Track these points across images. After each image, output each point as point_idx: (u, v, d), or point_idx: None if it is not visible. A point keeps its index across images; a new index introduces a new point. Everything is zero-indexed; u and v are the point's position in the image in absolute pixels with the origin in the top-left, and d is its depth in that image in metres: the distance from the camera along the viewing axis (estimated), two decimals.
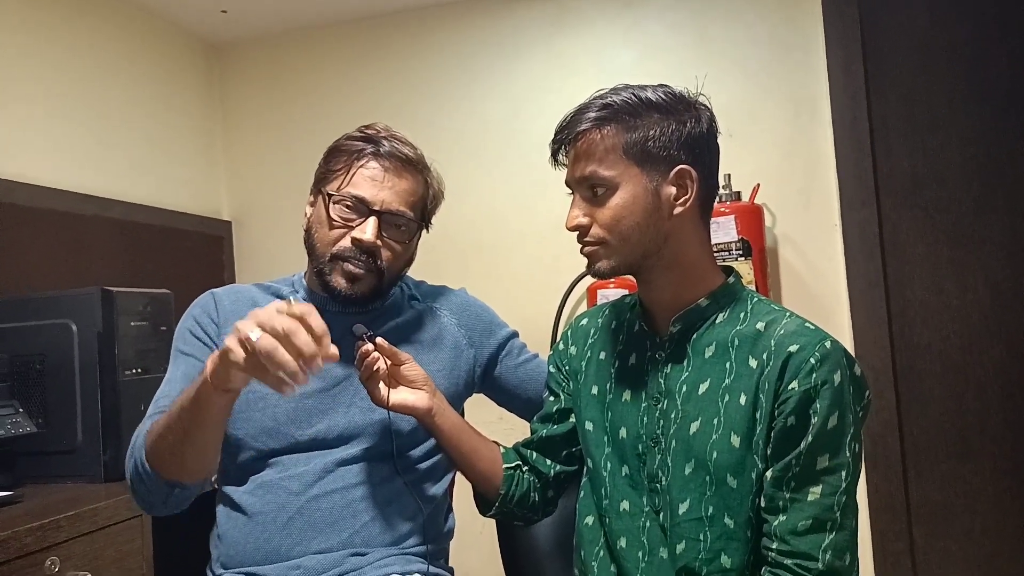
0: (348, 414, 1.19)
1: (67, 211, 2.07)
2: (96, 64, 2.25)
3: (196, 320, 1.23)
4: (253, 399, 1.18)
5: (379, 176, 1.19)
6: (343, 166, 1.20)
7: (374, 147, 1.20)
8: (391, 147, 1.21)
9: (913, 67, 2.17)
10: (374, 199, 1.18)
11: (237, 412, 1.16)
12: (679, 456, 1.02)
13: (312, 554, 1.12)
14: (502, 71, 2.48)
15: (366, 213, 1.18)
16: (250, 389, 1.16)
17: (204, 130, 2.68)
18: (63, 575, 1.30)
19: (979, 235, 2.12)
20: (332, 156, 1.23)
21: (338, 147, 1.23)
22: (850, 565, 0.95)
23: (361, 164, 1.19)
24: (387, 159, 1.20)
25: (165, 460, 1.05)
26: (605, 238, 1.03)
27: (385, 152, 1.20)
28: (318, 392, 1.19)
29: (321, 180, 1.23)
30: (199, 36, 2.67)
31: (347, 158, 1.20)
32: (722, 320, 1.05)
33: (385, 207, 1.19)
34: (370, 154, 1.20)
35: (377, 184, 1.19)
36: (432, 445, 1.23)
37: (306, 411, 1.18)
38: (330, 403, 1.19)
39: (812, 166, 2.21)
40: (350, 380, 1.20)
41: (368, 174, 1.19)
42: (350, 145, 1.22)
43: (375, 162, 1.20)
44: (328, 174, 1.21)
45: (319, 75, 2.66)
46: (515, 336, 1.37)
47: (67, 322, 1.65)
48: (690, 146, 1.01)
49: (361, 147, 1.21)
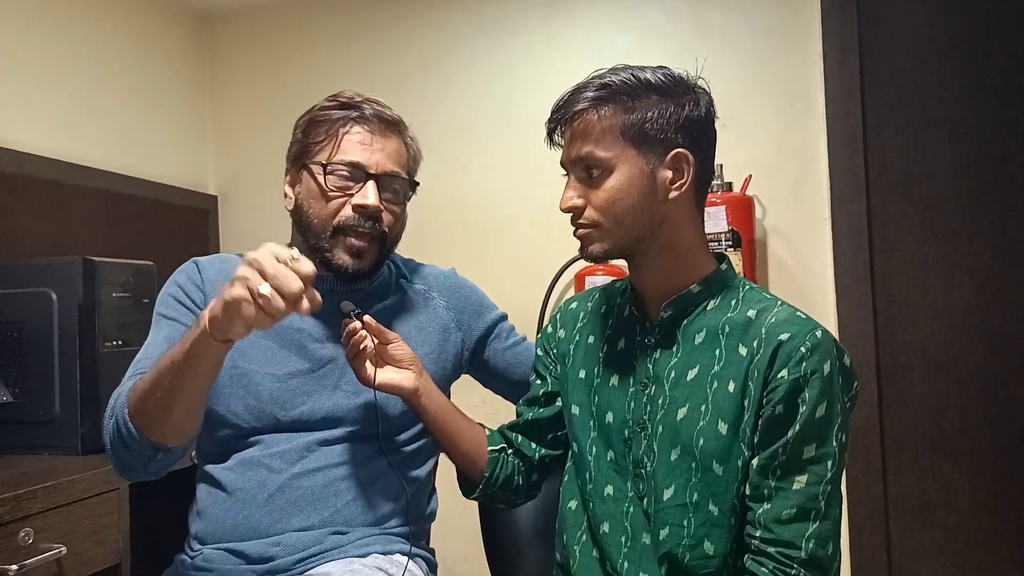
0: (333, 397, 1.17)
1: (51, 179, 2.03)
2: (83, 32, 2.20)
3: (180, 286, 1.21)
4: (237, 375, 1.16)
5: (367, 140, 1.17)
6: (326, 136, 1.17)
7: (356, 112, 1.18)
8: (373, 110, 1.19)
9: (908, 62, 2.17)
10: (369, 163, 1.16)
11: (220, 388, 1.15)
12: (665, 442, 1.01)
13: (292, 531, 1.11)
14: (497, 51, 2.46)
15: (363, 178, 1.16)
16: (234, 366, 1.15)
17: (192, 102, 2.64)
18: (37, 547, 1.28)
19: (967, 233, 2.13)
20: (311, 128, 1.19)
21: (315, 119, 1.20)
22: (832, 555, 0.95)
23: (347, 131, 1.17)
24: (372, 122, 1.18)
25: (151, 418, 1.01)
26: (599, 220, 1.02)
27: (369, 115, 1.19)
28: (303, 373, 1.17)
29: (303, 154, 1.19)
30: (189, 6, 2.62)
31: (328, 127, 1.18)
32: (713, 307, 1.04)
33: (380, 169, 1.17)
34: (354, 119, 1.18)
35: (368, 148, 1.17)
36: (418, 427, 1.22)
37: (290, 391, 1.16)
38: (315, 385, 1.17)
39: (804, 159, 2.20)
40: (336, 363, 1.18)
41: (357, 139, 1.17)
42: (329, 114, 1.19)
43: (360, 126, 1.18)
44: (310, 147, 1.18)
45: (310, 49, 2.62)
46: (504, 319, 1.36)
47: (47, 291, 1.62)
48: (688, 130, 1.00)
49: (342, 115, 1.18)
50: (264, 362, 1.17)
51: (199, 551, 1.13)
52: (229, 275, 1.13)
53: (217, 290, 1.14)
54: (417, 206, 2.52)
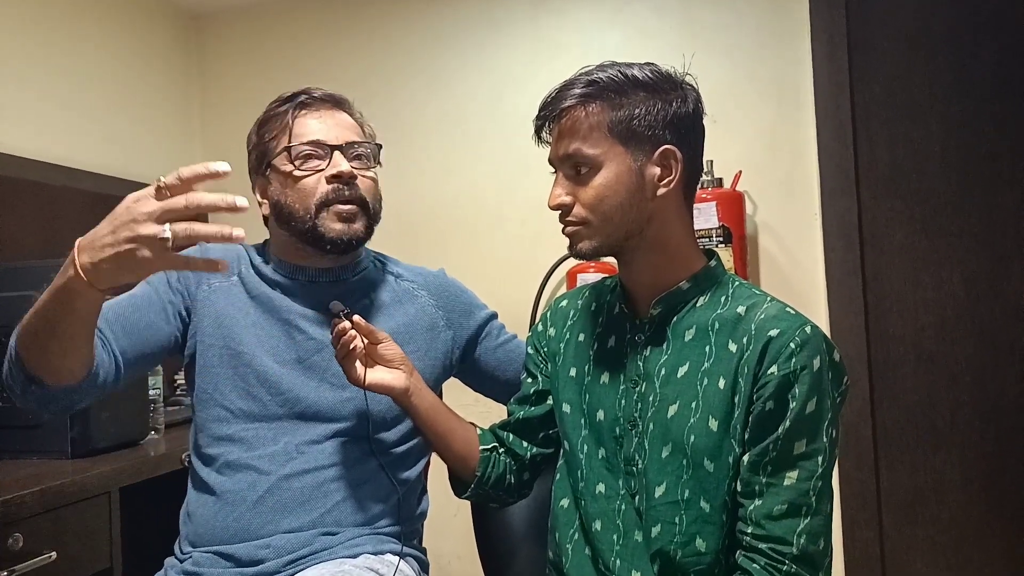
0: (318, 390, 1.17)
1: (37, 181, 2.02)
2: (71, 33, 2.19)
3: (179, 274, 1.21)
4: (228, 355, 1.17)
5: (318, 117, 1.19)
6: (278, 129, 1.19)
7: (301, 97, 1.21)
8: (319, 94, 1.22)
9: (897, 57, 2.18)
10: (327, 137, 1.18)
11: (211, 367, 1.17)
12: (656, 439, 1.01)
13: (282, 533, 1.11)
14: (486, 49, 2.45)
15: (327, 152, 1.18)
16: (225, 346, 1.16)
17: (181, 103, 2.63)
18: (27, 552, 1.28)
19: (956, 228, 2.13)
20: (262, 130, 1.21)
21: (264, 120, 1.22)
22: (824, 550, 0.95)
23: (296, 116, 1.19)
24: (318, 102, 1.21)
25: (29, 349, 0.97)
26: (587, 218, 1.02)
27: (315, 97, 1.21)
28: (291, 362, 1.18)
29: (264, 156, 1.21)
30: (177, 5, 2.61)
31: (278, 120, 1.19)
32: (703, 303, 1.04)
33: (341, 140, 1.19)
34: (300, 104, 1.20)
35: (323, 124, 1.19)
36: (408, 426, 1.21)
37: (276, 376, 1.17)
38: (300, 375, 1.17)
39: (794, 154, 2.21)
40: (321, 355, 1.18)
41: (309, 120, 1.19)
42: (275, 110, 1.21)
43: (307, 110, 1.20)
44: (267, 146, 1.20)
45: (299, 49, 2.61)
46: (494, 317, 1.35)
47: (34, 294, 1.60)
48: (676, 126, 1.00)
49: (287, 105, 1.20)
50: (252, 346, 1.18)
51: (189, 554, 1.13)
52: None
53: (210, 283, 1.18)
54: (407, 205, 2.53)
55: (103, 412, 1.62)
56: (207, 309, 1.20)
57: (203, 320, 1.19)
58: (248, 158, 1.25)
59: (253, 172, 1.24)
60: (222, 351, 1.17)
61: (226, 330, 1.18)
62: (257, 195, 1.24)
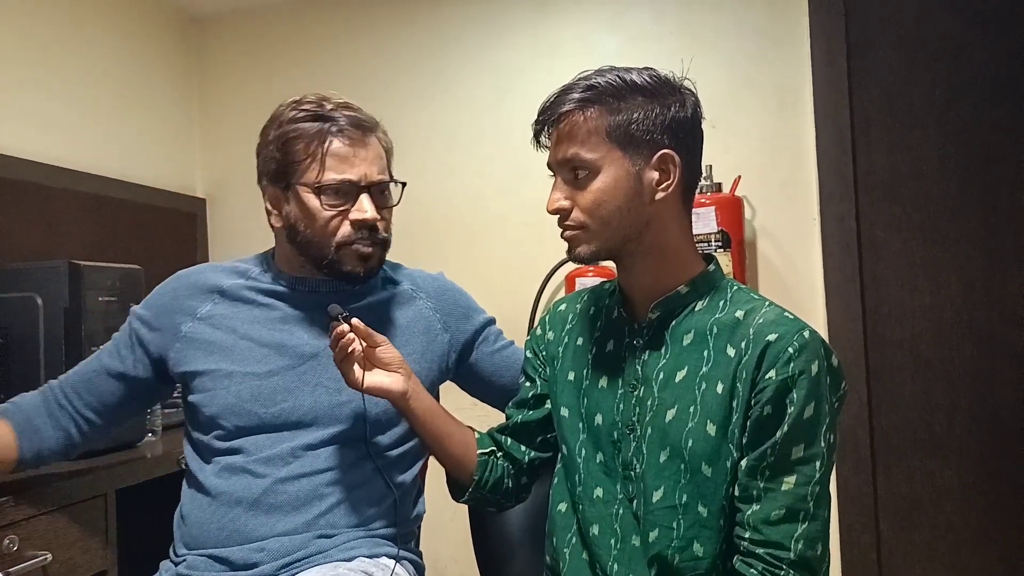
0: (314, 395, 1.17)
1: (37, 183, 2.01)
2: (70, 34, 2.19)
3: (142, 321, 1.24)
4: (219, 377, 1.16)
5: (351, 152, 1.16)
6: (306, 155, 1.15)
7: (332, 124, 1.16)
8: (347, 118, 1.17)
9: (896, 62, 2.18)
10: (358, 177, 1.16)
11: (204, 390, 1.16)
12: (654, 444, 1.01)
13: (276, 536, 1.10)
14: (486, 53, 2.45)
15: (355, 192, 1.16)
16: (217, 368, 1.15)
17: (180, 105, 2.63)
18: (22, 554, 1.27)
19: (954, 233, 2.14)
20: (287, 146, 1.17)
21: (289, 135, 1.17)
22: (821, 555, 0.95)
23: (327, 145, 1.15)
24: (349, 131, 1.17)
25: None
26: (586, 222, 1.02)
27: (345, 125, 1.17)
28: (284, 370, 1.17)
29: (285, 174, 1.17)
30: (177, 8, 2.61)
31: (307, 144, 1.16)
32: (701, 308, 1.04)
33: (369, 180, 1.17)
34: (332, 133, 1.16)
35: (353, 160, 1.16)
36: (404, 429, 1.21)
37: (270, 389, 1.16)
38: (296, 382, 1.17)
39: (793, 159, 2.21)
40: (318, 359, 1.18)
41: (341, 153, 1.16)
42: (304, 129, 1.16)
43: (339, 139, 1.16)
44: (291, 166, 1.17)
45: (299, 52, 2.61)
46: (492, 323, 1.35)
47: (33, 295, 1.61)
48: (674, 131, 1.00)
49: (318, 128, 1.16)
50: (245, 362, 1.17)
51: (183, 557, 1.12)
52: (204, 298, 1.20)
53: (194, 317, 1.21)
54: (406, 208, 2.51)
55: None
56: (195, 340, 1.20)
57: (190, 350, 1.19)
58: (259, 160, 1.22)
59: (267, 179, 1.21)
60: (213, 376, 1.17)
61: (216, 356, 1.18)
62: (267, 201, 1.22)
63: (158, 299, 1.25)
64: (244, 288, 1.23)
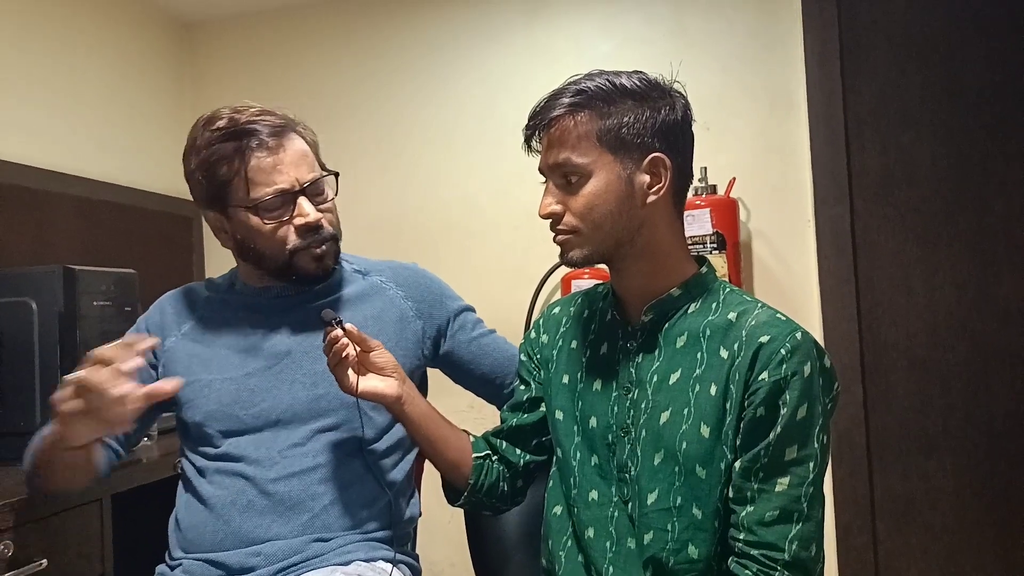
0: (292, 391, 1.18)
1: (30, 187, 2.01)
2: (63, 40, 2.19)
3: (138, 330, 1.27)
4: (199, 387, 1.19)
5: (273, 161, 1.14)
6: (231, 175, 1.14)
7: (249, 138, 1.14)
8: (263, 124, 1.15)
9: (889, 64, 2.19)
10: (290, 183, 1.15)
11: (185, 400, 1.19)
12: (648, 446, 1.01)
13: (272, 539, 1.11)
14: (479, 57, 2.46)
15: (291, 199, 1.15)
16: (196, 378, 1.18)
17: (174, 109, 2.63)
18: (18, 560, 1.27)
19: (948, 234, 2.15)
20: (211, 171, 1.14)
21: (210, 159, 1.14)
22: (816, 556, 0.96)
23: (249, 161, 1.13)
24: (268, 140, 1.14)
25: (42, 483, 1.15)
26: (578, 226, 1.02)
27: (263, 135, 1.14)
28: (260, 371, 1.19)
29: (217, 197, 1.16)
30: (171, 14, 2.61)
31: (228, 164, 1.13)
32: (694, 310, 1.04)
33: (302, 182, 1.16)
34: (251, 148, 1.13)
35: (279, 167, 1.14)
36: (394, 427, 1.22)
37: (249, 391, 1.18)
38: (273, 381, 1.19)
39: (787, 161, 2.22)
40: (291, 357, 1.20)
41: (265, 164, 1.13)
42: (222, 150, 1.13)
43: (260, 152, 1.14)
44: (219, 190, 1.15)
45: (292, 56, 2.61)
46: (469, 310, 1.35)
47: (27, 300, 1.61)
48: (664, 134, 1.01)
49: (235, 145, 1.13)
50: (221, 368, 1.20)
51: (179, 562, 1.12)
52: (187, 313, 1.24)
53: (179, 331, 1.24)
54: (401, 213, 2.53)
55: None
56: (177, 354, 1.23)
57: (173, 365, 1.23)
58: (189, 185, 1.20)
59: (203, 204, 1.20)
60: (195, 386, 1.19)
61: (196, 367, 1.21)
62: (210, 224, 1.22)
63: (153, 318, 1.29)
64: (216, 302, 1.27)
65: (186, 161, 1.19)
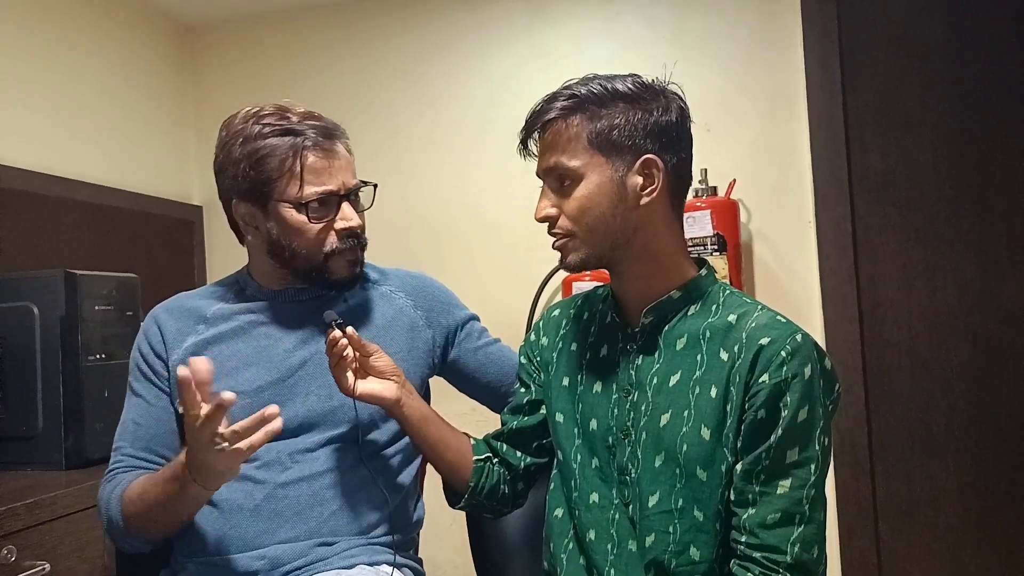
0: (306, 403, 1.18)
1: (32, 192, 2.02)
2: (65, 43, 2.19)
3: (142, 353, 1.22)
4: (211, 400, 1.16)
5: (325, 164, 1.16)
6: (282, 172, 1.14)
7: (303, 137, 1.15)
8: (316, 129, 1.17)
9: (889, 64, 2.19)
10: (338, 186, 1.17)
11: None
12: (649, 448, 1.01)
13: (278, 543, 1.11)
14: (480, 59, 2.46)
15: (336, 202, 1.17)
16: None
17: (175, 113, 2.63)
18: (20, 564, 1.27)
19: (949, 235, 2.14)
20: (260, 164, 1.15)
21: (260, 152, 1.15)
22: (818, 558, 0.95)
23: (302, 160, 1.15)
24: (322, 142, 1.16)
25: (148, 530, 1.11)
26: (572, 229, 1.02)
27: (316, 137, 1.16)
28: (274, 384, 1.18)
29: (261, 191, 1.16)
30: (172, 17, 2.62)
31: (280, 161, 1.14)
32: (694, 312, 1.04)
33: (347, 187, 1.18)
34: (306, 147, 1.15)
35: (328, 170, 1.16)
36: (398, 433, 1.22)
37: (263, 404, 1.15)
38: (287, 393, 1.17)
39: (788, 162, 2.22)
40: (305, 369, 1.19)
41: (316, 165, 1.15)
42: (275, 144, 1.14)
43: (312, 153, 1.15)
44: (266, 183, 1.15)
45: (294, 59, 2.62)
46: (475, 319, 1.36)
47: (29, 305, 1.61)
48: (657, 135, 1.01)
49: (289, 143, 1.15)
50: (234, 383, 1.17)
51: (183, 566, 1.12)
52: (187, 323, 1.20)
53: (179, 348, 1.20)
54: (402, 215, 2.53)
55: (97, 423, 1.62)
56: None
57: None
58: (224, 178, 1.20)
59: (238, 198, 1.20)
60: None
61: None
62: (240, 218, 1.21)
63: (151, 334, 1.24)
64: (226, 311, 1.23)
65: (226, 152, 1.19)
